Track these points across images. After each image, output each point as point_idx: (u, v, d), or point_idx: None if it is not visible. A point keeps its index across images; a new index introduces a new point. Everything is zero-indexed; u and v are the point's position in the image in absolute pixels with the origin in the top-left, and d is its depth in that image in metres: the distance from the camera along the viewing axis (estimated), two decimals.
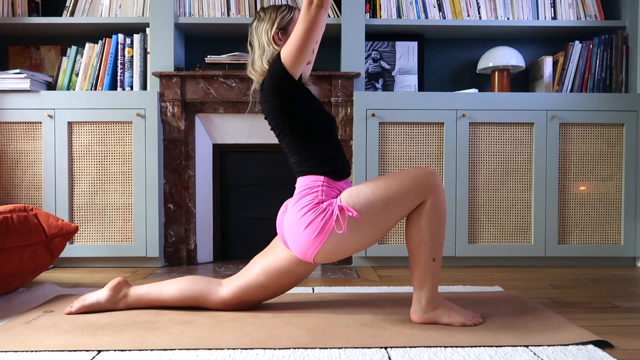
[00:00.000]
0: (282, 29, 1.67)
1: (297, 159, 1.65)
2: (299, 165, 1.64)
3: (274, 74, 1.59)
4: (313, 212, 1.53)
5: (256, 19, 1.71)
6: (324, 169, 1.60)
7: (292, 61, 1.56)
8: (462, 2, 2.74)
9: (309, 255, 1.56)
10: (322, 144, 1.64)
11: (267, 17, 1.68)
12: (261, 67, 1.66)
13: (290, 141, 1.65)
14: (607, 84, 2.75)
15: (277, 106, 1.62)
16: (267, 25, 1.66)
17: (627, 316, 1.70)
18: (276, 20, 1.66)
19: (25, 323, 1.58)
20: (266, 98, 1.65)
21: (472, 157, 2.62)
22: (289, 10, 1.69)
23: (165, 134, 2.66)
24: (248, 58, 1.73)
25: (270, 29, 1.66)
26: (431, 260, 1.55)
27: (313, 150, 1.62)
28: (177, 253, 2.69)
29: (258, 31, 1.68)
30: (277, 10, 1.69)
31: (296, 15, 1.69)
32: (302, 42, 1.52)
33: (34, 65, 2.87)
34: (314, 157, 1.61)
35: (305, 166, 1.62)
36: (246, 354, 1.31)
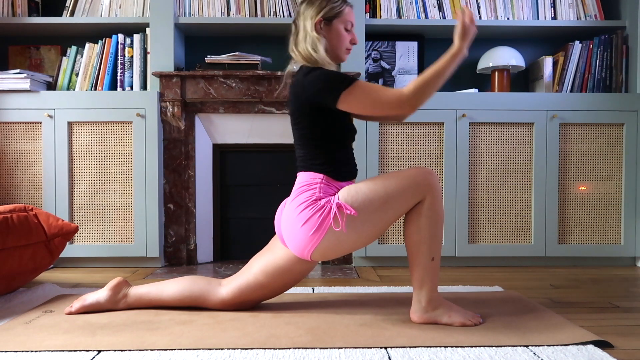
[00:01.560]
0: (327, 19, 1.62)
1: (304, 154, 1.64)
2: (303, 160, 1.64)
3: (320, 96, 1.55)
4: (311, 208, 1.53)
5: (305, 1, 1.65)
6: (325, 169, 1.60)
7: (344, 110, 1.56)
8: (462, 2, 2.74)
9: (306, 252, 1.56)
10: (333, 148, 1.63)
11: (316, 2, 1.63)
12: (305, 52, 1.61)
13: (303, 135, 1.64)
14: (607, 84, 2.75)
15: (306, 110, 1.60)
16: (314, 11, 1.61)
17: (627, 316, 1.70)
18: (325, 9, 1.61)
19: (25, 323, 1.58)
20: (298, 97, 1.61)
21: (472, 157, 2.62)
22: (341, 3, 1.64)
23: (165, 134, 2.66)
24: (291, 35, 1.68)
25: (315, 16, 1.61)
26: (430, 259, 1.55)
27: (322, 150, 1.61)
28: (177, 253, 2.69)
29: (304, 14, 1.63)
30: (331, 0, 1.63)
31: (347, 11, 1.64)
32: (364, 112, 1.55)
33: (34, 65, 2.87)
34: (320, 156, 1.61)
35: (308, 162, 1.62)
36: (246, 354, 1.31)
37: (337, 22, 1.63)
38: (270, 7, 2.71)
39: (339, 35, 1.65)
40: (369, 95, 1.53)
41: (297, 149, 1.68)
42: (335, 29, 1.64)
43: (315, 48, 1.61)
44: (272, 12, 2.71)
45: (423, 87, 1.50)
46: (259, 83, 2.62)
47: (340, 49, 1.66)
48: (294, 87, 1.64)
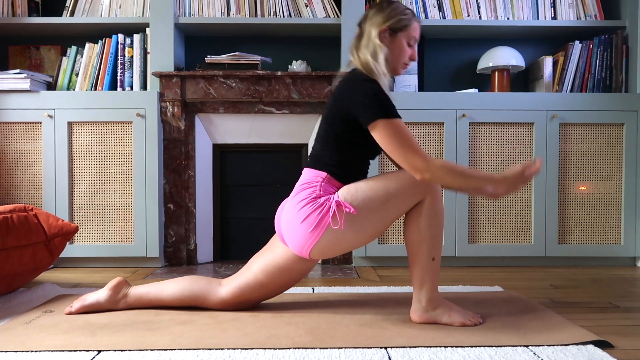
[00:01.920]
0: (393, 29, 1.59)
1: (320, 150, 1.63)
2: (316, 156, 1.64)
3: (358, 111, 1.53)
4: (310, 206, 1.53)
5: (377, 6, 1.62)
6: (332, 169, 1.59)
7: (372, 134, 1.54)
8: (462, 2, 2.74)
9: (305, 249, 1.55)
10: (351, 157, 1.61)
11: (386, 10, 1.60)
12: (364, 58, 1.58)
13: (329, 134, 1.61)
14: (607, 84, 2.75)
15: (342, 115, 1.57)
16: (382, 18, 1.58)
17: (627, 316, 1.70)
18: (393, 19, 1.58)
19: (25, 323, 1.58)
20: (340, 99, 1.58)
21: (472, 157, 2.62)
22: (410, 17, 1.61)
23: (165, 134, 2.66)
24: (354, 38, 1.66)
25: (382, 24, 1.58)
26: (430, 259, 1.55)
27: (339, 154, 1.60)
28: (177, 253, 2.69)
29: (371, 19, 1.60)
30: (400, 11, 1.60)
31: (414, 26, 1.61)
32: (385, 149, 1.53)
33: (34, 65, 2.87)
34: (332, 158, 1.60)
35: (319, 160, 1.62)
36: (246, 354, 1.31)
37: (401, 35, 1.60)
38: (270, 7, 2.71)
39: (401, 49, 1.61)
40: (399, 140, 1.49)
41: (317, 143, 1.65)
42: (398, 41, 1.61)
43: (375, 56, 1.57)
44: (272, 12, 2.71)
45: (450, 174, 1.47)
46: (259, 83, 2.62)
47: (399, 63, 1.63)
48: (340, 88, 1.60)
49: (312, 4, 2.71)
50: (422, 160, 1.47)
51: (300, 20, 2.70)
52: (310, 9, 2.71)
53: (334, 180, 1.59)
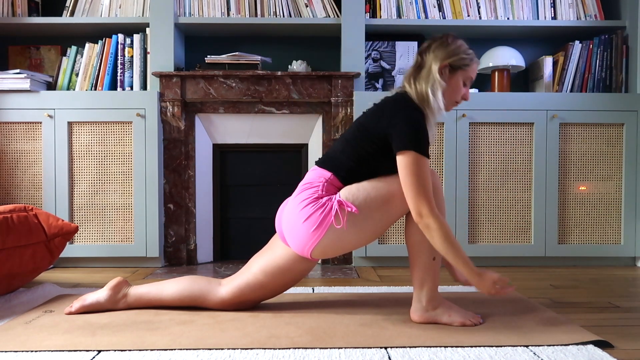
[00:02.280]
0: (452, 67, 1.59)
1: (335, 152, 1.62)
2: (329, 156, 1.63)
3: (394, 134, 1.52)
4: (312, 205, 1.53)
5: (441, 40, 1.62)
6: (338, 172, 1.59)
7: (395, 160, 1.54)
8: (462, 2, 2.74)
9: (306, 249, 1.55)
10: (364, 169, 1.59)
11: (450, 47, 1.60)
12: (422, 90, 1.57)
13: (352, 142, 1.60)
14: (607, 84, 2.76)
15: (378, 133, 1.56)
16: (445, 54, 1.58)
17: (627, 316, 1.70)
18: (455, 56, 1.59)
19: (25, 323, 1.58)
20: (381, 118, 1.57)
21: (472, 157, 2.62)
22: (472, 57, 1.62)
23: (165, 134, 2.66)
24: (412, 66, 1.64)
25: (444, 59, 1.58)
26: (431, 259, 1.55)
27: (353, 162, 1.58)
28: (177, 253, 2.69)
29: (434, 53, 1.60)
30: (463, 50, 1.61)
31: (473, 67, 1.62)
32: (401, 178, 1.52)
33: (34, 65, 2.87)
34: (346, 163, 1.59)
35: (330, 160, 1.62)
36: (246, 354, 1.31)
37: (459, 73, 1.60)
38: (270, 7, 2.71)
39: (456, 87, 1.62)
40: (418, 178, 1.48)
41: (338, 144, 1.64)
42: (455, 79, 1.61)
43: (434, 92, 1.57)
44: (272, 12, 2.71)
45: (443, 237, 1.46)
46: (259, 83, 2.62)
47: (450, 100, 1.63)
48: (386, 106, 1.59)
49: (312, 4, 2.71)
50: (428, 208, 1.47)
51: (300, 20, 2.70)
52: (310, 9, 2.71)
53: (337, 181, 1.59)
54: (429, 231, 1.48)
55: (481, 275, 1.50)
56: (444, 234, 1.47)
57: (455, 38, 1.63)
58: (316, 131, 2.74)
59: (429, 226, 1.47)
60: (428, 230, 1.48)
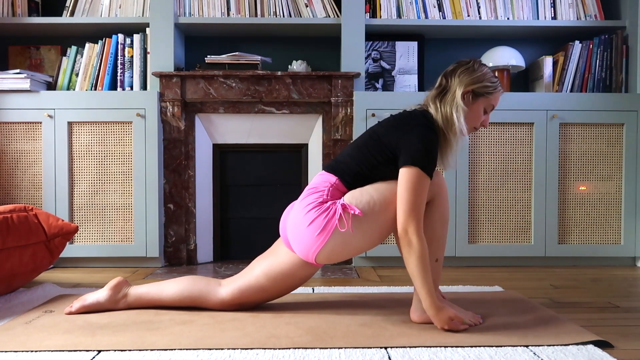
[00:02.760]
0: (475, 94, 1.59)
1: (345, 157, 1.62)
2: (338, 160, 1.63)
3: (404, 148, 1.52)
4: (317, 210, 1.53)
5: (467, 65, 1.62)
6: (344, 177, 1.59)
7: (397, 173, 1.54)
8: (462, 2, 2.74)
9: (310, 254, 1.55)
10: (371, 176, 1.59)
11: (476, 73, 1.60)
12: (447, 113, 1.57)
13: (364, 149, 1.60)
14: (607, 84, 2.75)
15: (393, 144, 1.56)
16: (471, 80, 1.58)
17: (627, 316, 1.70)
18: (480, 83, 1.58)
19: (25, 323, 1.58)
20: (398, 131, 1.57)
21: (472, 157, 2.62)
22: (495, 86, 1.61)
23: (165, 134, 2.66)
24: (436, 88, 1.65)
25: (469, 85, 1.58)
26: (434, 260, 1.55)
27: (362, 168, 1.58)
28: (177, 253, 2.69)
29: (460, 77, 1.60)
30: (488, 77, 1.61)
31: (496, 96, 1.62)
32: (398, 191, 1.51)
33: (34, 65, 2.87)
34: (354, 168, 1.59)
35: (338, 165, 1.61)
36: (246, 354, 1.31)
37: (482, 100, 1.61)
38: (270, 7, 2.71)
39: (477, 113, 1.62)
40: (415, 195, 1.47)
41: (349, 149, 1.64)
42: (476, 106, 1.61)
43: (458, 116, 1.57)
44: (272, 12, 2.71)
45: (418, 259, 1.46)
46: (259, 83, 2.62)
47: (469, 126, 1.63)
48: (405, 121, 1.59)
49: (312, 4, 2.71)
50: (416, 227, 1.46)
51: (300, 20, 2.70)
52: (310, 9, 2.71)
53: (342, 186, 1.59)
54: (409, 249, 1.46)
55: (440, 310, 1.47)
56: (422, 256, 1.46)
57: (482, 64, 1.63)
58: (316, 131, 2.74)
59: (411, 244, 1.46)
60: (409, 248, 1.47)
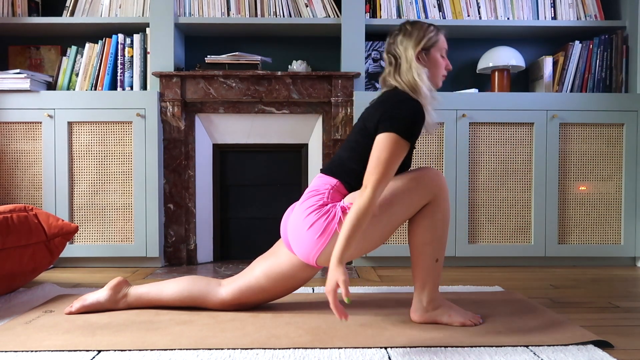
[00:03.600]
0: (425, 49, 1.62)
1: (341, 159, 1.62)
2: (335, 163, 1.63)
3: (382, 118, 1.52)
4: (317, 213, 1.53)
5: (402, 31, 1.65)
6: (345, 178, 1.59)
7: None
8: (462, 2, 2.74)
9: (311, 256, 1.55)
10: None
11: (414, 33, 1.63)
12: (411, 81, 1.60)
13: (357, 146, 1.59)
14: (607, 84, 2.76)
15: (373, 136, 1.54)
16: (414, 42, 1.62)
17: (627, 316, 1.70)
18: (424, 39, 1.62)
19: (25, 323, 1.58)
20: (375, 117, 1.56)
21: (472, 157, 2.62)
22: (436, 32, 1.64)
23: (165, 134, 2.66)
24: (388, 66, 1.67)
25: (416, 47, 1.61)
26: (434, 261, 1.55)
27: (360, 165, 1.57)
28: (177, 253, 2.69)
29: (403, 44, 1.63)
30: (426, 30, 1.64)
31: (441, 39, 1.65)
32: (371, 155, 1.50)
33: (34, 65, 2.87)
34: (353, 167, 1.59)
35: (337, 167, 1.61)
36: (246, 354, 1.32)
37: (434, 51, 1.64)
38: (270, 7, 2.71)
39: (437, 63, 1.65)
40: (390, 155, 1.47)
41: (343, 152, 1.64)
42: (433, 58, 1.64)
43: (420, 78, 1.59)
44: (272, 12, 2.71)
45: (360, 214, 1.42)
46: (259, 83, 2.62)
47: (438, 76, 1.67)
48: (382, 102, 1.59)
49: (312, 4, 2.71)
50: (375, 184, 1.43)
51: (300, 20, 2.70)
52: (310, 9, 2.71)
53: (343, 188, 1.59)
54: (359, 198, 1.44)
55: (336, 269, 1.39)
56: (363, 209, 1.42)
57: (411, 22, 1.67)
58: (316, 131, 2.74)
59: (363, 195, 1.44)
60: (359, 197, 1.44)
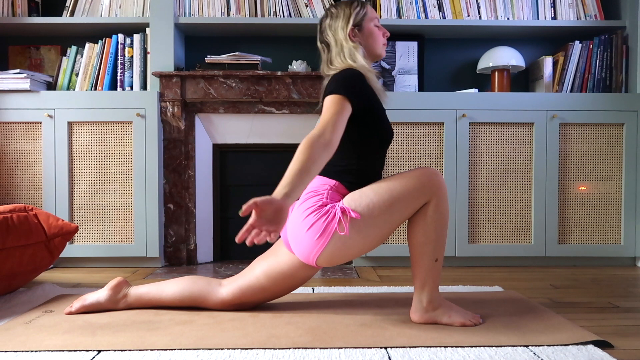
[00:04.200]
0: (357, 25, 1.64)
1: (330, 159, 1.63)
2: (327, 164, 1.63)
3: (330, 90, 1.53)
4: (316, 214, 1.53)
5: (328, 16, 1.67)
6: (342, 177, 1.59)
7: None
8: (462, 2, 2.74)
9: (311, 257, 1.55)
10: (361, 156, 1.61)
11: (340, 13, 1.64)
12: (344, 64, 1.61)
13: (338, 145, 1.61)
14: (607, 84, 2.76)
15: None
16: (342, 22, 1.63)
17: (627, 316, 1.70)
18: (352, 16, 1.63)
19: (25, 323, 1.58)
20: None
21: (472, 157, 2.62)
22: (361, 5, 1.66)
23: (165, 134, 2.66)
24: (323, 54, 1.69)
25: (346, 26, 1.62)
26: (434, 260, 1.55)
27: (348, 157, 1.59)
28: (177, 253, 2.69)
29: (332, 28, 1.64)
30: (350, 6, 1.65)
31: (369, 9, 1.67)
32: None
33: (34, 65, 2.87)
34: (343, 164, 1.60)
35: (327, 167, 1.60)
36: (246, 354, 1.31)
37: (366, 23, 1.65)
38: (270, 7, 2.71)
39: (373, 34, 1.67)
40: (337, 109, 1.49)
41: None
42: (367, 30, 1.65)
43: (354, 58, 1.61)
44: (272, 12, 2.71)
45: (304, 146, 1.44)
46: (259, 83, 2.62)
47: (378, 46, 1.69)
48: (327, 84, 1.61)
49: (312, 4, 2.71)
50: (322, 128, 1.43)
51: (300, 20, 2.70)
52: (310, 9, 2.71)
53: (342, 188, 1.59)
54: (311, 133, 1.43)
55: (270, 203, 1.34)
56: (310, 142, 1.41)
57: (335, 5, 1.67)
58: None
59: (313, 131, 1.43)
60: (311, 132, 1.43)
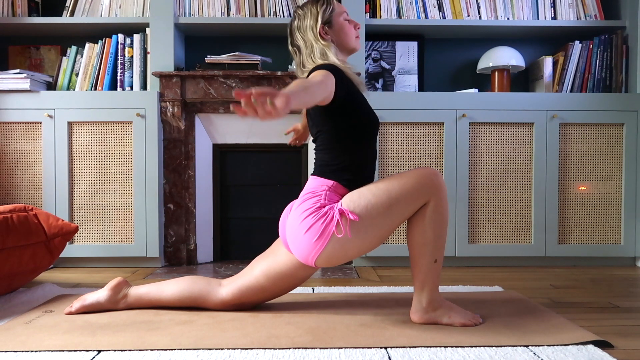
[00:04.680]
0: (326, 22, 1.64)
1: (321, 159, 1.63)
2: (319, 165, 1.64)
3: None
4: (314, 216, 1.53)
5: (295, 18, 1.67)
6: (339, 176, 1.59)
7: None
8: (462, 2, 2.74)
9: (310, 259, 1.55)
10: (353, 150, 1.61)
11: (308, 13, 1.64)
12: (312, 66, 1.62)
13: (324, 140, 1.62)
14: (607, 84, 2.76)
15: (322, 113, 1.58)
16: (311, 21, 1.63)
17: (627, 316, 1.70)
18: (319, 14, 1.63)
19: (25, 323, 1.58)
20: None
21: (472, 157, 2.62)
22: (327, 2, 1.66)
23: (165, 134, 2.66)
24: (296, 57, 1.69)
25: (315, 25, 1.62)
26: (433, 261, 1.55)
27: (340, 154, 1.60)
28: (177, 253, 2.69)
29: (301, 30, 1.64)
30: (316, 4, 1.65)
31: (336, 4, 1.67)
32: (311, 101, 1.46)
33: (34, 65, 2.87)
34: (337, 162, 1.60)
35: (322, 168, 1.61)
36: (246, 354, 1.32)
37: (336, 18, 1.66)
38: (270, 7, 2.71)
39: (344, 28, 1.67)
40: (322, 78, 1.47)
41: (317, 153, 1.66)
42: (338, 25, 1.66)
43: (325, 57, 1.61)
44: (272, 12, 2.71)
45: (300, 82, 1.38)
46: (259, 83, 2.62)
47: (351, 40, 1.69)
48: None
49: None
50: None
51: None
52: None
53: (340, 187, 1.59)
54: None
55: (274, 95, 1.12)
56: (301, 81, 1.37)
57: (302, 6, 1.68)
58: None
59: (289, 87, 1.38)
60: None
